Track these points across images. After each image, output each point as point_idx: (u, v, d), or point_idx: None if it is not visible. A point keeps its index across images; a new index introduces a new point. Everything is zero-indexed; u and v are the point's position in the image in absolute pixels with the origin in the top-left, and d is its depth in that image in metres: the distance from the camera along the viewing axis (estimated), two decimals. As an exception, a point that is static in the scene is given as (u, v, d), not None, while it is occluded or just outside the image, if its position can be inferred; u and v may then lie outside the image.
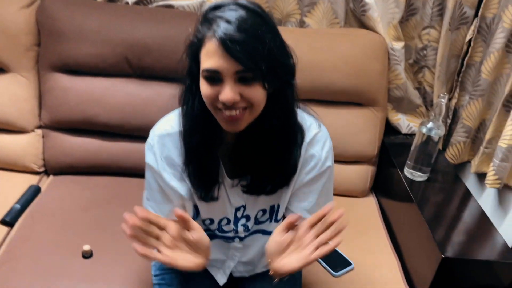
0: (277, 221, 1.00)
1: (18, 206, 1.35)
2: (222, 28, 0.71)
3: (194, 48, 0.77)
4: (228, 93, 0.74)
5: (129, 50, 1.42)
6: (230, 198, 0.95)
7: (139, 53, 1.43)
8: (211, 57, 0.73)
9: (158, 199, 0.96)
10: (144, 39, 1.43)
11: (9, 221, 1.31)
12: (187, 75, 0.82)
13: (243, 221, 0.98)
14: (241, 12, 0.73)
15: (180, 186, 0.93)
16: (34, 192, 1.42)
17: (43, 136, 1.51)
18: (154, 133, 0.92)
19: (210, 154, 0.88)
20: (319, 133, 0.93)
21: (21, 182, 1.46)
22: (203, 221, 0.98)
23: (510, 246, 1.16)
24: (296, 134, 0.88)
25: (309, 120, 0.93)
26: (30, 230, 1.28)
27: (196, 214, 0.98)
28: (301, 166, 0.93)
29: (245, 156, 0.88)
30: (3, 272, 1.15)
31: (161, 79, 1.47)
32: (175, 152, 0.90)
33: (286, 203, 0.97)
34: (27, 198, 1.39)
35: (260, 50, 0.72)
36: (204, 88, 0.77)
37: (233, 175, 0.93)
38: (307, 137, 0.91)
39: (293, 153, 0.88)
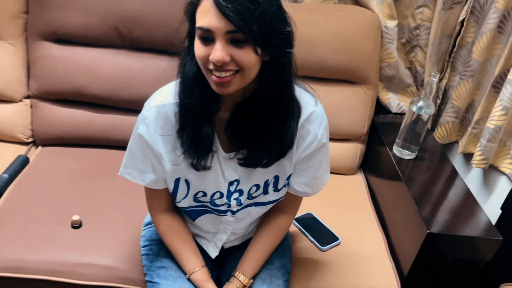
0: (277, 191, 1.00)
1: (5, 175, 1.34)
2: None
3: (191, 8, 0.77)
4: (217, 52, 0.74)
5: (120, 20, 1.40)
6: (224, 171, 0.95)
7: (130, 24, 1.40)
8: (204, 16, 0.74)
9: (140, 167, 0.96)
10: (135, 10, 1.40)
11: (-3, 191, 1.30)
12: (186, 36, 0.83)
13: (236, 195, 0.99)
14: None
15: (171, 156, 0.93)
16: (22, 162, 1.41)
17: (31, 106, 1.49)
18: (149, 105, 0.91)
19: (205, 119, 0.87)
20: (316, 111, 0.93)
21: (9, 152, 1.45)
22: (195, 194, 0.98)
23: (493, 223, 1.19)
24: (293, 107, 0.88)
25: (306, 97, 0.93)
26: (18, 200, 1.27)
27: (187, 190, 0.98)
28: (297, 142, 0.93)
29: (241, 128, 0.88)
30: (-9, 241, 1.15)
31: (151, 51, 1.46)
32: (169, 123, 0.90)
33: (287, 174, 0.98)
34: (15, 168, 1.38)
35: (253, 11, 0.72)
36: (197, 47, 0.77)
37: (228, 149, 0.93)
38: (304, 114, 0.91)
39: (290, 126, 0.88)
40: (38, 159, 1.45)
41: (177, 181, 0.96)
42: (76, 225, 1.20)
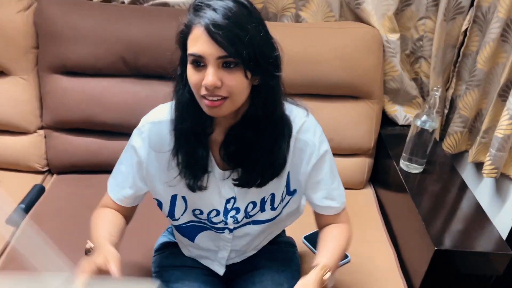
0: (274, 209, 1.02)
1: (22, 206, 1.39)
2: (208, 15, 0.76)
3: (183, 36, 0.81)
4: (209, 77, 0.77)
5: (125, 49, 1.44)
6: (221, 189, 0.97)
7: (135, 52, 1.45)
8: (196, 43, 0.78)
9: (118, 180, 1.01)
10: (139, 39, 1.44)
11: (15, 221, 1.35)
12: (179, 63, 0.86)
13: (232, 213, 1.00)
14: (228, 2, 0.78)
15: (164, 176, 0.96)
16: (38, 191, 1.47)
17: (45, 137, 1.55)
18: (146, 121, 0.95)
19: (199, 141, 0.90)
20: (307, 121, 0.95)
21: (26, 182, 1.51)
22: (193, 211, 1.00)
23: (503, 237, 1.18)
24: (283, 127, 0.91)
25: (296, 111, 0.95)
26: (35, 230, 1.32)
27: (185, 206, 1.00)
28: (298, 157, 0.95)
29: (234, 149, 0.91)
30: (10, 271, 1.19)
31: (157, 77, 1.50)
32: (166, 140, 0.93)
33: (282, 192, 1.00)
34: (31, 197, 1.43)
35: (242, 37, 0.76)
36: (190, 73, 0.81)
37: (224, 167, 0.95)
38: (295, 127, 0.93)
39: (281, 147, 0.91)
40: (54, 187, 1.50)
41: (173, 198, 0.99)
42: (90, 253, 1.24)
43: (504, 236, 1.41)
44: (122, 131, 1.51)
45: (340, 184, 1.04)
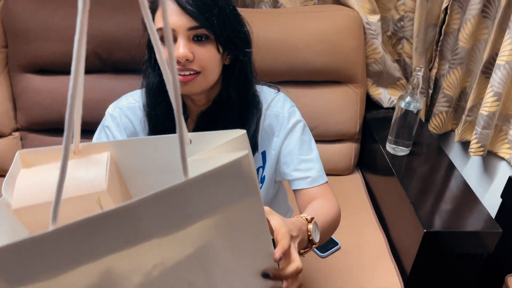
0: None
1: (1, 211, 1.34)
2: None
3: (150, 8, 0.79)
4: (180, 49, 0.75)
5: (99, 45, 1.39)
6: None
7: (109, 47, 1.40)
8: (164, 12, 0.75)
9: None
10: (112, 33, 1.39)
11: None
12: (146, 48, 0.86)
13: None
14: None
15: None
16: (17, 195, 1.42)
17: (21, 139, 1.50)
18: (117, 105, 0.93)
19: (172, 125, 0.88)
20: (276, 96, 0.94)
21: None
22: None
23: (493, 215, 1.17)
24: (254, 105, 0.89)
25: (267, 91, 0.94)
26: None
27: None
28: (270, 131, 0.93)
29: (207, 122, 0.89)
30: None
31: (134, 71, 1.43)
32: (138, 125, 0.91)
33: (260, 174, 0.98)
34: (10, 202, 1.38)
35: (212, 7, 0.75)
36: (161, 50, 0.77)
37: None
38: (265, 104, 0.92)
39: (251, 125, 0.89)
40: (33, 190, 1.46)
41: None
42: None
43: (493, 214, 1.40)
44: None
45: (318, 159, 0.96)
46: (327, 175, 0.98)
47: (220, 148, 0.49)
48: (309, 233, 0.72)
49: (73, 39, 0.34)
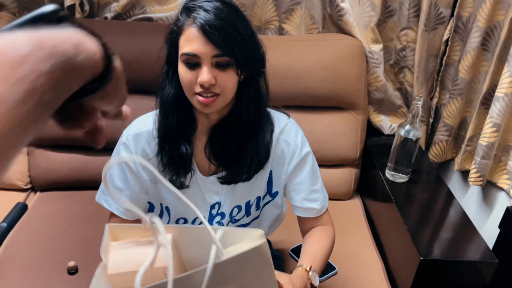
0: (259, 209, 1.03)
1: (4, 224, 1.36)
2: (201, 15, 0.80)
3: (174, 35, 0.84)
4: (205, 75, 0.81)
5: (108, 65, 1.44)
6: (205, 194, 0.97)
7: (118, 68, 1.44)
8: (190, 42, 0.80)
9: (118, 187, 1.00)
10: (122, 54, 1.42)
11: (-4, 240, 1.32)
12: (165, 62, 0.88)
13: (218, 218, 1.01)
14: (217, 4, 0.81)
15: (150, 183, 0.97)
16: (20, 209, 1.44)
17: (27, 154, 1.53)
18: (129, 133, 0.96)
19: (183, 139, 0.92)
20: (289, 123, 1.00)
21: (8, 200, 1.48)
22: (176, 221, 1.00)
23: (490, 245, 1.18)
24: (266, 119, 0.95)
25: (277, 114, 0.99)
26: (16, 249, 1.29)
27: (168, 217, 0.99)
28: (281, 156, 0.98)
29: (220, 145, 0.93)
30: (-10, 291, 1.17)
31: (141, 92, 1.48)
32: (148, 148, 0.95)
33: (264, 192, 1.02)
34: (13, 216, 1.40)
35: (235, 36, 0.80)
36: (183, 72, 0.83)
37: (207, 172, 0.96)
38: (278, 126, 0.97)
39: (265, 136, 0.94)
40: (37, 205, 1.48)
41: (160, 206, 1.00)
42: (72, 271, 1.21)
43: (491, 245, 1.40)
44: (106, 147, 1.48)
45: (322, 187, 1.06)
46: (327, 199, 1.05)
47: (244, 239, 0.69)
48: (309, 281, 0.92)
49: None
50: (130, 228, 0.67)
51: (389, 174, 1.43)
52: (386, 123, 1.68)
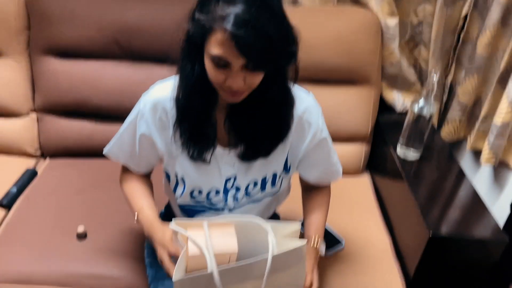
0: (274, 186, 1.03)
1: (14, 189, 1.38)
2: (236, 22, 0.73)
3: (204, 22, 0.77)
4: (235, 81, 0.79)
5: (119, 32, 1.42)
6: (221, 167, 0.97)
7: (129, 35, 1.42)
8: (221, 47, 0.76)
9: (126, 151, 1.03)
10: (133, 21, 1.42)
11: (6, 204, 1.34)
12: (187, 38, 0.83)
13: (232, 192, 1.00)
14: (253, 9, 0.73)
15: (167, 149, 0.97)
16: (30, 175, 1.45)
17: (37, 120, 1.53)
18: (147, 99, 0.94)
19: (206, 114, 0.91)
20: (311, 102, 0.98)
21: (18, 166, 1.49)
22: (191, 192, 0.99)
23: (501, 225, 1.16)
24: (289, 97, 0.93)
25: (297, 89, 0.97)
26: (26, 213, 1.31)
27: (183, 187, 0.99)
28: (302, 134, 0.97)
29: (241, 120, 0.91)
30: (0, 254, 1.18)
31: (151, 60, 1.47)
32: (165, 117, 0.93)
33: (282, 168, 1.01)
34: (23, 181, 1.41)
35: (268, 49, 0.75)
36: (211, 70, 0.80)
37: (226, 144, 0.95)
38: (302, 104, 0.95)
39: (286, 115, 0.93)
40: (46, 171, 1.49)
41: (175, 175, 0.99)
42: (81, 236, 1.22)
43: (501, 224, 1.39)
44: (116, 115, 1.49)
45: (337, 161, 1.09)
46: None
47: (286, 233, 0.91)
48: (318, 253, 1.05)
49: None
50: (191, 220, 0.86)
51: (400, 151, 1.41)
52: (399, 99, 1.65)
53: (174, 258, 0.88)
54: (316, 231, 1.05)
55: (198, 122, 0.90)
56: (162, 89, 0.93)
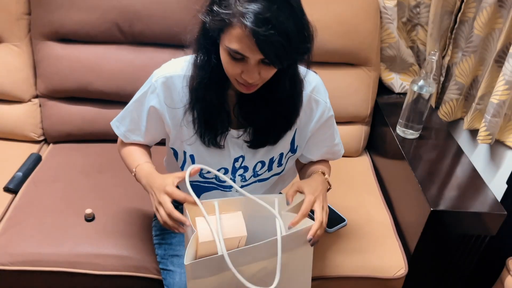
0: (281, 165, 1.05)
1: (20, 174, 1.39)
2: (256, 23, 0.73)
3: (223, 16, 0.77)
4: (251, 75, 0.81)
5: (120, 16, 1.42)
6: (230, 148, 0.99)
7: (130, 19, 1.43)
8: (239, 42, 0.77)
9: (129, 126, 1.04)
10: (134, 5, 1.42)
11: (13, 188, 1.35)
12: (203, 30, 0.84)
13: (240, 171, 1.02)
14: (274, 7, 0.74)
15: (177, 131, 0.98)
16: (35, 160, 1.46)
17: (40, 105, 1.53)
18: (159, 74, 0.95)
19: (221, 101, 0.92)
20: (319, 80, 1.00)
21: (22, 151, 1.50)
22: (200, 170, 1.02)
23: (498, 198, 1.20)
24: (297, 82, 0.94)
25: (303, 68, 0.97)
26: (33, 197, 1.32)
27: (192, 164, 1.01)
28: (309, 114, 0.99)
29: (250, 106, 0.93)
30: (9, 237, 1.19)
31: (153, 45, 1.48)
32: (178, 95, 0.94)
33: (288, 148, 1.03)
34: (28, 166, 1.42)
35: (286, 47, 0.76)
36: (227, 62, 0.82)
37: (236, 126, 0.97)
38: (310, 85, 0.97)
39: (296, 99, 0.94)
40: (50, 156, 1.50)
41: (184, 154, 1.01)
42: (89, 218, 1.24)
43: (499, 199, 1.43)
44: (118, 100, 1.51)
45: (340, 141, 1.11)
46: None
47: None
48: (327, 180, 1.03)
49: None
50: (205, 203, 0.87)
51: (400, 130, 1.44)
52: (397, 81, 1.67)
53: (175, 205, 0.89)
54: (323, 169, 1.06)
55: (214, 111, 0.92)
56: (175, 67, 0.94)
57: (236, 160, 1.00)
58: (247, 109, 0.93)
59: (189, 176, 0.87)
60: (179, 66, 0.94)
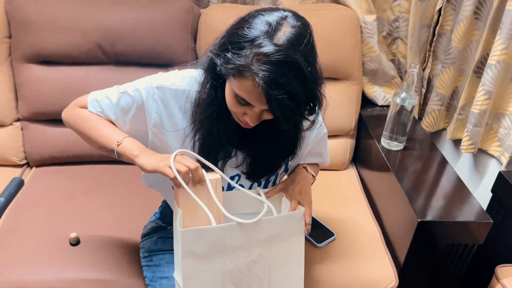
0: (274, 183, 1.06)
1: (2, 199, 1.35)
2: (270, 85, 0.74)
3: (237, 66, 0.76)
4: (253, 120, 0.83)
5: (102, 37, 1.42)
6: (227, 168, 0.99)
7: (112, 39, 1.42)
8: (250, 94, 0.78)
9: (104, 107, 1.00)
10: (115, 26, 1.42)
11: (-6, 215, 1.31)
12: (212, 68, 0.84)
13: (237, 185, 1.02)
14: (287, 70, 0.74)
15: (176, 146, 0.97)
16: (17, 184, 1.43)
17: (22, 129, 1.51)
18: (162, 82, 0.92)
19: (227, 135, 0.92)
20: None
21: (4, 175, 1.47)
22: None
23: (484, 207, 1.21)
24: (298, 128, 0.95)
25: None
26: (16, 222, 1.29)
27: None
28: (304, 138, 1.00)
29: (248, 140, 0.94)
30: (-8, 264, 1.16)
31: (136, 64, 1.48)
32: (178, 114, 0.93)
33: (283, 169, 1.04)
34: (10, 191, 1.39)
35: (296, 111, 0.78)
36: (232, 102, 0.83)
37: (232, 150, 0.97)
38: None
39: (295, 137, 0.96)
40: (33, 180, 1.47)
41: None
42: (74, 242, 1.22)
43: (484, 207, 1.44)
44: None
45: (328, 154, 1.16)
46: (324, 170, 1.13)
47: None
48: (313, 176, 1.08)
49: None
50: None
51: (384, 142, 1.45)
52: (379, 94, 1.70)
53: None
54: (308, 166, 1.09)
55: (218, 142, 0.92)
56: (176, 79, 0.93)
57: (232, 178, 1.00)
58: (245, 142, 0.94)
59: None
60: (186, 81, 0.92)
